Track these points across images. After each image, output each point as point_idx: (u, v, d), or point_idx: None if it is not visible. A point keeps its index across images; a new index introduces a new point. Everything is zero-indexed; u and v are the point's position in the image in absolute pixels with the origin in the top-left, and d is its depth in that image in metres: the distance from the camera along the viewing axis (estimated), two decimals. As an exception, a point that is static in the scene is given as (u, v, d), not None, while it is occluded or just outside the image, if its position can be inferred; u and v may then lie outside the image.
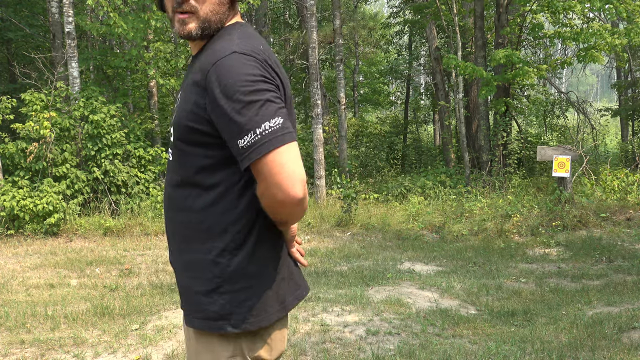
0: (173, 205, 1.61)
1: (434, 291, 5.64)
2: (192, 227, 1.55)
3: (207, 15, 1.51)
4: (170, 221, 1.64)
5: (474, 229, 8.62)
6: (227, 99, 1.40)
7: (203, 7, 1.50)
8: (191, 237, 1.56)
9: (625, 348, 3.96)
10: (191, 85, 1.52)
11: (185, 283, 1.61)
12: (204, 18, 1.51)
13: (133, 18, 9.79)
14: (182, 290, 1.63)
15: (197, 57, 1.58)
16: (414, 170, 13.99)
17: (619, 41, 10.14)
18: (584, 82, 44.89)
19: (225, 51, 1.45)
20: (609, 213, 8.85)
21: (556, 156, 8.81)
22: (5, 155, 9.18)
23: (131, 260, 7.25)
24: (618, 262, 6.79)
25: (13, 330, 4.59)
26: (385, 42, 21.30)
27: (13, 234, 8.69)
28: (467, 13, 13.90)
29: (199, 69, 1.49)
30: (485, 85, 10.83)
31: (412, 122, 19.68)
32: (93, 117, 9.40)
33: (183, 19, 1.50)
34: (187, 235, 1.57)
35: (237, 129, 1.40)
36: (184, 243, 1.59)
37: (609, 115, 17.08)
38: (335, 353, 3.97)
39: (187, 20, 1.51)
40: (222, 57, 1.44)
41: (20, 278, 6.39)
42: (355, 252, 7.60)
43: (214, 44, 1.53)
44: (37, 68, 11.03)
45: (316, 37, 11.07)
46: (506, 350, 3.98)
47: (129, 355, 3.99)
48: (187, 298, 1.60)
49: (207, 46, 1.55)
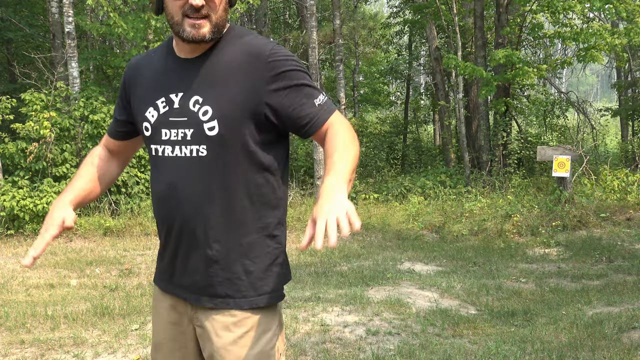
0: (218, 196, 1.66)
1: (434, 291, 5.64)
2: (247, 210, 1.67)
3: (218, 20, 1.64)
4: (204, 218, 1.67)
5: (474, 229, 8.62)
6: (298, 70, 1.65)
7: (215, 13, 1.63)
8: (245, 220, 1.68)
9: (625, 348, 3.97)
10: (236, 72, 1.63)
11: (239, 269, 1.69)
12: (215, 23, 1.63)
13: (133, 18, 9.79)
14: (234, 278, 1.69)
15: (207, 57, 1.68)
16: (414, 170, 13.98)
17: (619, 41, 10.14)
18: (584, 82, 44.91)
19: (268, 41, 1.68)
20: (609, 213, 8.86)
21: (556, 156, 8.81)
22: (5, 155, 9.18)
23: (131, 260, 7.25)
24: (618, 262, 6.79)
25: (13, 330, 4.59)
26: (385, 42, 21.30)
27: (13, 234, 8.69)
28: (467, 13, 13.90)
29: (249, 55, 1.64)
30: (485, 85, 10.83)
31: (412, 122, 19.67)
32: (93, 117, 9.40)
33: (199, 23, 1.61)
34: (239, 219, 1.67)
35: (312, 91, 1.65)
36: (236, 230, 1.68)
37: (609, 115, 17.08)
38: (335, 353, 3.97)
39: (202, 24, 1.61)
40: (273, 44, 1.67)
41: (20, 278, 6.39)
42: (355, 252, 7.60)
43: (241, 39, 1.69)
44: (37, 68, 11.03)
45: (316, 37, 11.07)
46: (506, 350, 3.98)
47: (129, 355, 3.99)
48: (241, 284, 1.69)
49: (233, 40, 1.69)
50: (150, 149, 1.74)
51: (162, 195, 1.71)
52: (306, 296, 5.29)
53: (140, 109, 1.75)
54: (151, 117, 1.71)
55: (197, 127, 1.64)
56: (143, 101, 1.75)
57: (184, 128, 1.66)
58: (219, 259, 1.69)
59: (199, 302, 1.72)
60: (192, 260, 1.71)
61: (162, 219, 1.74)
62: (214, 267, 1.69)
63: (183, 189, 1.67)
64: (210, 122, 1.63)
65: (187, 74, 1.69)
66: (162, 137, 1.69)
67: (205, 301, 1.71)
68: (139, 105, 1.76)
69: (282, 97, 1.63)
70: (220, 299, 1.70)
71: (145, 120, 1.73)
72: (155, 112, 1.70)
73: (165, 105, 1.69)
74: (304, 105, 1.63)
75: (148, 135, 1.73)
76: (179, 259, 1.73)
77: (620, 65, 16.11)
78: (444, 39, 15.92)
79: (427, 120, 21.46)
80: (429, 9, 13.14)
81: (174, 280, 1.77)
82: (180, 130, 1.66)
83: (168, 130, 1.68)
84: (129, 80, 1.82)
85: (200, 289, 1.71)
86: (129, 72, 1.83)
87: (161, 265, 1.82)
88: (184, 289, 1.74)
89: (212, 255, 1.68)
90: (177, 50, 1.73)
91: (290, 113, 1.63)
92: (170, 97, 1.69)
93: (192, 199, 1.67)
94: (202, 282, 1.71)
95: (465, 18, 14.02)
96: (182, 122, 1.66)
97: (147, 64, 1.80)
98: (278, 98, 1.62)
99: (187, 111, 1.66)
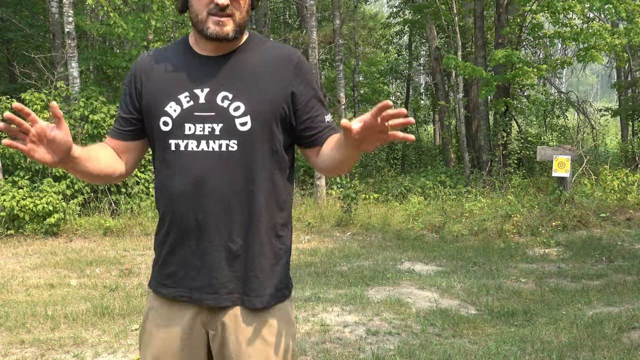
0: (243, 191, 1.69)
1: (434, 291, 5.64)
2: (262, 207, 1.72)
3: (241, 21, 1.69)
4: (229, 212, 1.69)
5: (474, 229, 8.62)
6: (317, 84, 1.78)
7: (240, 13, 1.69)
8: (261, 217, 1.72)
9: (625, 348, 3.97)
10: (267, 71, 1.71)
11: (256, 266, 1.72)
12: (238, 22, 1.69)
13: (133, 18, 9.79)
14: (251, 275, 1.72)
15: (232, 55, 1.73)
16: (414, 170, 13.98)
17: (619, 41, 10.14)
18: (584, 82, 44.90)
19: (294, 48, 1.79)
20: (609, 213, 8.86)
21: (556, 156, 8.81)
22: (5, 155, 9.18)
23: (131, 260, 7.25)
24: (618, 262, 6.79)
25: (13, 330, 4.59)
26: (385, 42, 21.29)
27: (13, 234, 8.69)
28: (467, 13, 13.90)
29: (279, 57, 1.73)
30: (485, 85, 10.83)
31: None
32: (93, 117, 9.40)
33: (223, 21, 1.65)
34: (257, 216, 1.71)
35: (324, 108, 1.78)
36: (254, 226, 1.71)
37: (609, 115, 17.08)
38: (335, 353, 3.98)
39: (226, 22, 1.66)
40: (298, 52, 1.77)
41: (20, 278, 6.39)
42: (355, 252, 7.60)
43: (266, 44, 1.77)
44: (37, 68, 11.02)
45: (316, 37, 11.07)
46: (506, 350, 3.98)
47: (129, 355, 3.99)
48: (257, 282, 1.72)
49: (257, 45, 1.77)
50: (168, 144, 1.70)
51: (183, 191, 1.68)
52: (306, 296, 5.30)
53: (158, 104, 1.72)
54: (173, 111, 1.70)
55: (228, 122, 1.67)
56: (162, 96, 1.72)
57: (212, 123, 1.67)
58: (241, 253, 1.70)
59: (217, 302, 1.70)
60: (212, 257, 1.70)
61: (180, 217, 1.70)
62: (236, 261, 1.70)
63: (210, 183, 1.67)
64: (243, 118, 1.67)
65: (211, 71, 1.71)
66: (186, 131, 1.68)
67: (224, 300, 1.70)
68: (155, 100, 1.73)
69: (303, 103, 1.73)
70: (238, 295, 1.71)
71: (165, 115, 1.71)
72: (177, 107, 1.70)
73: (189, 100, 1.69)
74: (317, 117, 1.75)
75: (167, 130, 1.70)
76: (197, 256, 1.71)
77: (620, 65, 16.12)
78: (444, 39, 15.92)
79: (427, 120, 21.47)
80: (428, 9, 13.14)
81: (186, 283, 1.72)
82: (208, 125, 1.67)
83: (193, 124, 1.68)
84: (141, 75, 1.78)
85: (219, 286, 1.70)
86: (141, 67, 1.80)
87: (167, 270, 1.76)
88: (199, 290, 1.71)
89: (236, 250, 1.70)
90: (197, 49, 1.75)
91: (304, 120, 1.73)
92: (194, 92, 1.70)
93: (218, 193, 1.68)
94: (222, 278, 1.70)
95: (465, 18, 14.02)
96: (210, 117, 1.67)
97: (162, 59, 1.79)
98: (300, 102, 1.73)
99: (215, 106, 1.68)
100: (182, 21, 11.09)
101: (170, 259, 1.75)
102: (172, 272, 1.75)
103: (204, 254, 1.70)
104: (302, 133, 1.75)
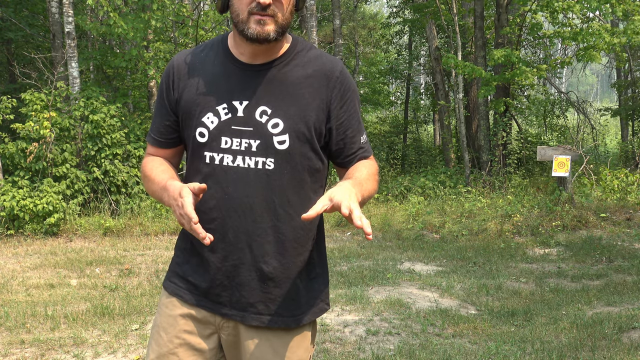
0: (280, 211, 1.64)
1: (434, 291, 5.65)
2: (300, 228, 1.67)
3: (283, 22, 1.61)
4: (264, 232, 1.64)
5: (474, 229, 8.62)
6: (357, 100, 1.71)
7: (282, 14, 1.61)
8: (299, 237, 1.68)
9: (625, 348, 3.97)
10: (307, 88, 1.64)
11: (293, 287, 1.68)
12: (281, 24, 1.60)
13: (133, 18, 9.78)
14: (287, 298, 1.67)
15: (273, 66, 1.65)
16: (414, 170, 13.97)
17: (618, 40, 10.14)
18: (584, 82, 44.90)
19: (336, 59, 1.71)
20: (609, 213, 8.86)
21: (556, 156, 8.81)
22: (5, 155, 9.18)
23: (131, 260, 7.25)
24: (618, 262, 6.79)
25: (13, 330, 4.59)
26: (385, 42, 21.29)
27: (13, 234, 8.69)
28: (467, 13, 13.90)
29: (320, 72, 1.65)
30: (484, 85, 10.83)
31: (412, 122, 19.66)
32: (93, 117, 9.39)
33: (264, 19, 1.58)
34: (296, 237, 1.67)
35: (361, 125, 1.72)
36: (293, 247, 1.68)
37: (609, 115, 17.07)
38: (335, 353, 3.98)
39: (268, 22, 1.58)
40: (341, 63, 1.69)
41: (20, 278, 6.39)
42: (355, 252, 7.61)
43: (308, 54, 1.69)
44: (37, 68, 11.02)
45: (316, 37, 11.07)
46: (506, 350, 3.98)
47: (129, 355, 3.99)
48: (292, 303, 1.69)
49: (299, 55, 1.68)
50: (203, 156, 1.64)
51: (215, 205, 1.63)
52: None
53: (195, 113, 1.65)
54: (210, 122, 1.63)
55: (265, 139, 1.60)
56: (199, 105, 1.65)
57: (249, 138, 1.61)
58: (275, 276, 1.65)
59: (244, 320, 1.66)
60: (242, 276, 1.65)
61: (214, 229, 1.62)
62: (269, 284, 1.65)
63: (244, 201, 1.61)
64: (281, 136, 1.60)
65: (251, 82, 1.64)
66: (222, 144, 1.62)
67: (252, 319, 1.66)
68: (192, 109, 1.66)
69: (339, 122, 1.67)
70: (268, 316, 1.66)
71: (201, 126, 1.64)
72: (215, 119, 1.63)
73: (227, 112, 1.62)
74: (353, 137, 1.70)
75: (203, 141, 1.64)
76: (224, 272, 1.66)
77: (620, 65, 16.11)
78: (444, 39, 15.91)
79: (427, 120, 21.45)
80: (428, 9, 13.13)
81: (210, 296, 1.68)
82: (245, 140, 1.61)
83: (229, 138, 1.62)
84: (177, 80, 1.70)
85: (247, 305, 1.65)
86: (176, 72, 1.72)
87: (190, 276, 1.71)
88: (223, 304, 1.67)
89: (269, 271, 1.64)
90: (236, 53, 1.67)
91: (338, 140, 1.68)
92: (233, 104, 1.63)
93: (253, 211, 1.62)
94: (251, 299, 1.65)
95: (465, 18, 14.01)
96: (247, 132, 1.61)
97: (200, 64, 1.70)
98: (338, 121, 1.67)
99: (253, 121, 1.61)
100: (181, 21, 11.08)
101: (196, 266, 1.71)
102: (194, 281, 1.70)
103: (234, 271, 1.65)
104: (334, 152, 1.71)
